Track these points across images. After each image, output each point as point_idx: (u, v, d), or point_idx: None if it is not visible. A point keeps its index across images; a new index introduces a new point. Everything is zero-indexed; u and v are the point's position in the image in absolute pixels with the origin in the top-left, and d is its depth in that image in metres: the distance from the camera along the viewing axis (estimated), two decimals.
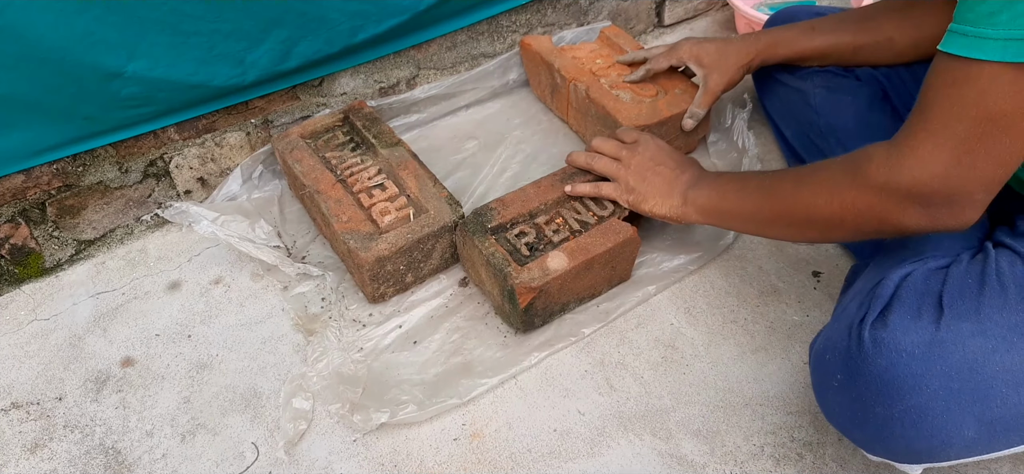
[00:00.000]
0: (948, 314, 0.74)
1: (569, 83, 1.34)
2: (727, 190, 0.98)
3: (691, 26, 1.69)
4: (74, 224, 1.19)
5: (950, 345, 0.72)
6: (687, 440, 0.93)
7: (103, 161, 1.17)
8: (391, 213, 1.09)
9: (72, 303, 1.14)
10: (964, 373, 0.72)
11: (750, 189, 0.95)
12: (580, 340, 1.05)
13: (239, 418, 0.98)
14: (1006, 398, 0.72)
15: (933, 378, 0.72)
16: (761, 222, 0.94)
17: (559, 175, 1.15)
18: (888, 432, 0.75)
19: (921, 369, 0.72)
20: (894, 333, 0.74)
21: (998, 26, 0.66)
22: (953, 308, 0.75)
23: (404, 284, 1.10)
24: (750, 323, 1.06)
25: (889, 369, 0.73)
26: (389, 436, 0.95)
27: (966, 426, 0.72)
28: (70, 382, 1.03)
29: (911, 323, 0.74)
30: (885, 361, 0.73)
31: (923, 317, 0.75)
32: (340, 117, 1.28)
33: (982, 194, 0.74)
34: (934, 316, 0.75)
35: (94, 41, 1.03)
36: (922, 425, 0.73)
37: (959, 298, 0.75)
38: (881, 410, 0.74)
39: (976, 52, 0.68)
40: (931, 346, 0.73)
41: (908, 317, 0.75)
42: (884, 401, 0.74)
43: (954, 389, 0.72)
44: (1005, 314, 0.74)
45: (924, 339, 0.73)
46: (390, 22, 1.26)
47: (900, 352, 0.73)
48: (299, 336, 1.06)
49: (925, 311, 0.75)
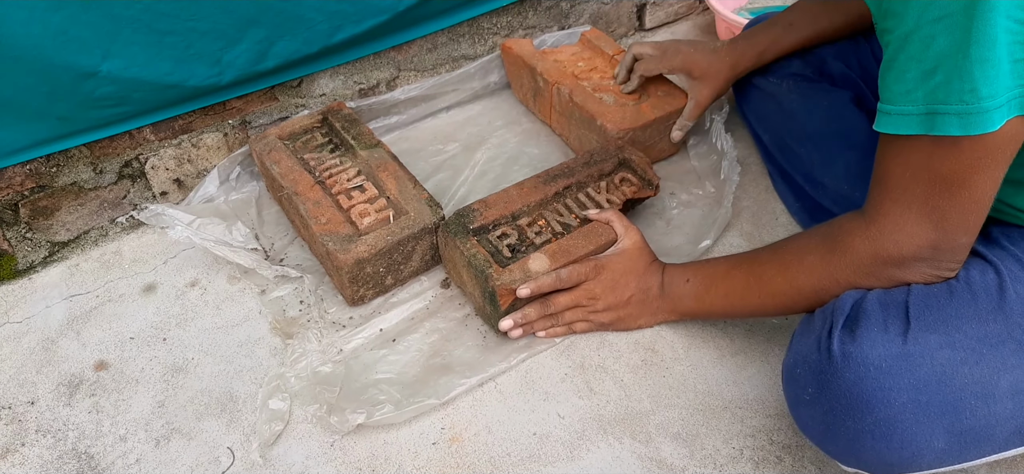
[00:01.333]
0: (915, 326, 0.75)
1: (552, 86, 1.34)
2: (703, 283, 0.98)
3: (672, 30, 1.69)
4: (47, 226, 1.17)
5: (918, 358, 0.74)
6: (666, 443, 0.93)
7: (77, 162, 1.15)
8: (370, 215, 1.09)
9: (45, 306, 1.12)
10: (932, 386, 0.73)
11: (733, 282, 0.94)
12: (560, 343, 1.04)
13: (215, 422, 0.96)
14: (975, 409, 0.73)
15: (902, 391, 0.73)
16: (748, 312, 0.96)
17: (542, 177, 1.15)
18: (859, 445, 0.76)
19: (890, 383, 0.73)
20: (862, 347, 0.75)
21: (916, 103, 0.69)
22: (920, 319, 0.76)
23: (384, 287, 1.09)
24: (729, 326, 1.06)
25: (858, 383, 0.74)
26: (367, 440, 0.94)
27: (936, 438, 0.73)
28: (43, 386, 1.01)
29: (879, 336, 0.75)
30: (854, 375, 0.74)
31: (890, 329, 0.76)
32: (319, 118, 1.27)
33: (965, 237, 0.76)
34: (901, 328, 0.76)
35: (68, 40, 1.02)
36: (892, 438, 0.74)
37: (926, 309, 0.76)
38: (851, 423, 0.75)
39: (904, 129, 0.71)
40: (899, 359, 0.74)
41: (876, 330, 0.76)
42: (854, 415, 0.75)
43: (923, 402, 0.73)
44: (975, 324, 0.75)
45: (892, 352, 0.74)
46: (369, 22, 1.26)
47: (868, 366, 0.74)
48: (276, 339, 1.05)
49: (892, 323, 0.76)
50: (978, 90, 0.64)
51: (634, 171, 1.17)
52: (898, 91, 0.70)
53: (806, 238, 0.88)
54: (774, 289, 0.89)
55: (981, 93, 0.65)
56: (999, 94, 0.64)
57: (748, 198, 1.25)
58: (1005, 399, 0.73)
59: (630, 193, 1.14)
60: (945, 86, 0.66)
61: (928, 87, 0.67)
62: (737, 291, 0.93)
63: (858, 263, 0.81)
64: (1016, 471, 0.89)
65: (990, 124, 0.66)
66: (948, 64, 0.65)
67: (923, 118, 0.69)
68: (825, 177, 1.11)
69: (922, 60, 0.66)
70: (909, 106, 0.69)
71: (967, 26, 0.62)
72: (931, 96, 0.67)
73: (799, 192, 1.19)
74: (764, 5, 1.62)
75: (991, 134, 0.66)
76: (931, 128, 0.68)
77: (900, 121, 0.71)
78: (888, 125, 0.72)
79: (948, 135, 0.68)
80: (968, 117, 0.66)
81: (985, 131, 0.66)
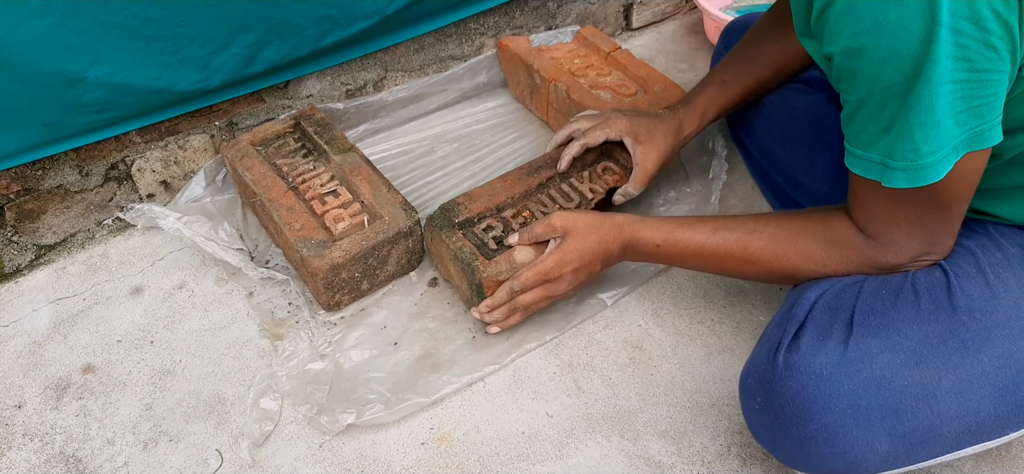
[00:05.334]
0: (857, 332, 0.77)
1: (549, 84, 1.35)
2: (678, 256, 0.95)
3: (659, 29, 1.70)
4: (34, 229, 1.17)
5: (857, 364, 0.75)
6: (655, 441, 0.93)
7: (63, 165, 1.15)
8: (345, 220, 1.08)
9: (32, 309, 1.12)
10: (871, 390, 0.74)
11: (710, 252, 0.92)
12: (548, 342, 1.05)
13: (203, 425, 0.96)
14: (917, 410, 0.74)
15: (841, 397, 0.74)
16: (723, 267, 0.94)
17: (525, 169, 1.16)
18: (805, 451, 0.77)
19: (829, 389, 0.75)
20: (804, 356, 0.77)
21: (877, 152, 0.72)
22: (863, 325, 0.77)
23: (360, 291, 1.09)
24: (717, 324, 1.07)
25: (799, 391, 0.76)
26: (355, 441, 0.94)
27: (878, 441, 0.74)
28: (29, 390, 1.01)
29: (820, 344, 0.77)
30: (795, 383, 0.76)
31: (833, 337, 0.78)
32: (291, 124, 1.26)
33: (951, 240, 0.81)
34: (843, 336, 0.77)
35: (54, 46, 1.01)
36: (834, 443, 0.75)
37: (871, 313, 0.78)
38: (795, 431, 0.77)
39: (869, 173, 0.74)
40: (838, 366, 0.75)
41: (818, 338, 0.78)
42: (797, 422, 0.76)
43: (862, 406, 0.74)
44: (916, 325, 0.77)
45: (832, 359, 0.76)
46: (358, 26, 1.26)
47: (809, 374, 0.76)
48: (264, 341, 1.05)
49: (836, 330, 0.78)
50: (919, 149, 0.69)
51: (616, 161, 1.18)
52: (862, 140, 0.74)
53: (798, 223, 0.88)
54: (756, 265, 0.90)
55: (922, 151, 0.69)
56: (941, 148, 0.69)
57: (734, 196, 1.26)
58: (948, 398, 0.74)
59: (612, 182, 1.15)
60: (895, 143, 0.70)
61: (885, 142, 0.71)
62: (713, 261, 0.93)
63: (857, 265, 0.83)
64: (998, 468, 0.90)
65: (934, 176, 0.70)
66: (897, 125, 0.69)
67: (880, 167, 0.73)
68: (805, 178, 1.12)
69: (879, 118, 0.71)
70: (871, 154, 0.73)
71: (906, 97, 0.67)
72: (886, 150, 0.71)
73: (780, 194, 1.20)
74: (750, 4, 1.63)
75: (946, 176, 0.71)
76: (885, 179, 0.73)
77: (865, 165, 0.74)
78: (856, 166, 0.76)
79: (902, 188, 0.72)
80: (913, 172, 0.71)
81: (930, 182, 0.71)
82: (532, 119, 1.44)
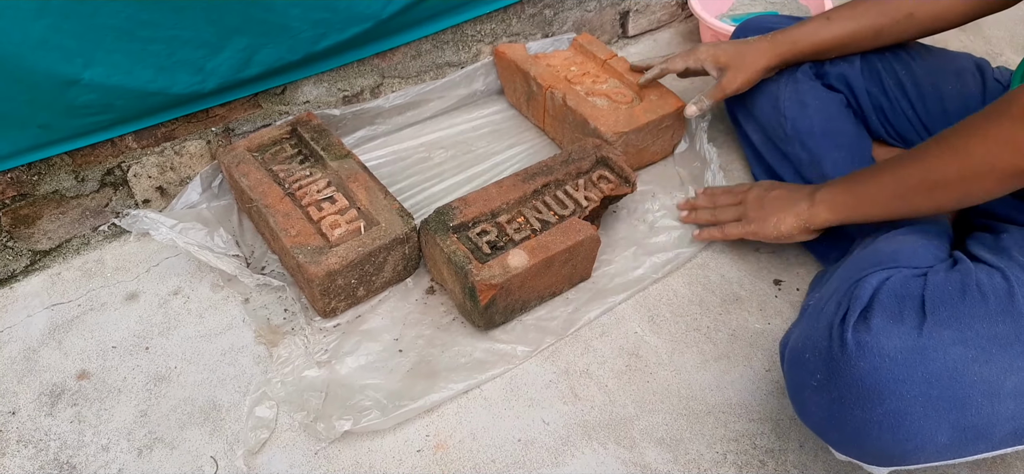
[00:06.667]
0: (930, 320, 0.75)
1: (545, 91, 1.35)
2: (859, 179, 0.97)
3: (655, 37, 1.70)
4: (29, 234, 1.16)
5: (931, 352, 0.73)
6: (651, 448, 0.93)
7: (59, 170, 1.15)
8: (341, 226, 1.08)
9: (26, 315, 1.11)
10: (944, 381, 0.72)
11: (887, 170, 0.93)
12: (544, 349, 1.04)
13: (198, 431, 0.96)
14: (981, 407, 0.73)
15: (913, 384, 0.72)
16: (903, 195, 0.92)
17: (521, 175, 1.16)
18: (865, 434, 0.75)
19: (903, 374, 0.72)
20: (877, 337, 0.74)
21: None
22: (935, 314, 0.75)
23: (356, 298, 1.09)
24: (713, 331, 1.07)
25: (871, 373, 0.73)
26: (351, 448, 0.94)
27: (941, 433, 0.73)
28: (24, 396, 1.01)
29: (893, 327, 0.75)
30: (867, 365, 0.74)
31: (905, 322, 0.75)
32: (288, 129, 1.26)
33: None
34: (916, 322, 0.75)
35: (50, 48, 1.01)
36: (899, 430, 0.73)
37: (941, 305, 0.76)
38: (860, 413, 0.74)
39: None
40: (913, 352, 0.73)
41: (890, 321, 0.75)
42: (864, 404, 0.74)
43: (933, 396, 0.72)
44: (986, 324, 0.75)
45: (907, 345, 0.73)
46: (353, 30, 1.26)
47: (883, 356, 0.73)
48: (260, 348, 1.05)
49: (908, 315, 0.76)
50: None
51: (611, 169, 1.19)
52: None
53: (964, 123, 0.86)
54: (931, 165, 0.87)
55: None
56: None
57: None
58: (1008, 399, 0.73)
59: (607, 190, 1.15)
60: None
61: None
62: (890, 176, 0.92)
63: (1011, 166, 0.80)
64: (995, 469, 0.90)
65: None
66: None
67: None
68: (812, 175, 1.13)
69: None
70: None
71: None
72: None
73: None
74: (747, 11, 1.64)
75: None
76: None
77: None
78: None
79: None
80: None
81: None
82: (528, 126, 1.44)
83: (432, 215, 1.09)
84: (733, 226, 1.12)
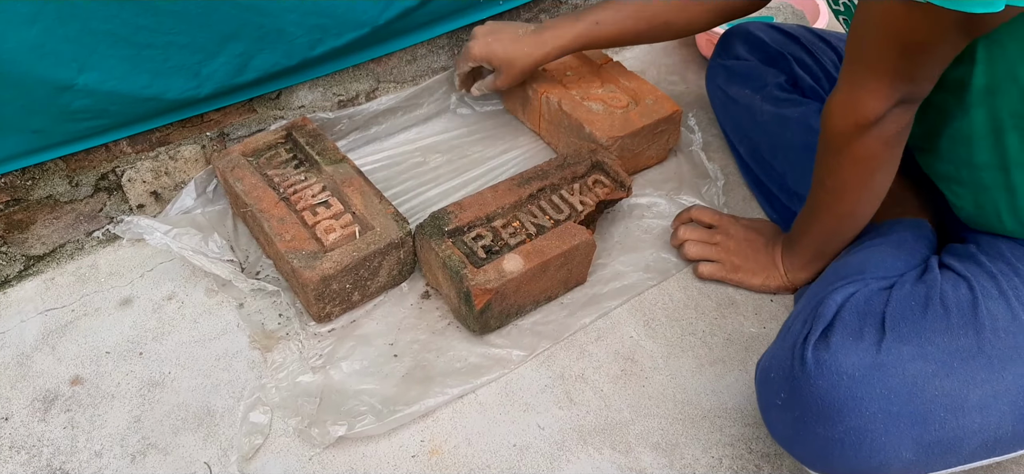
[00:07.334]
0: (890, 336, 0.76)
1: (541, 95, 1.35)
2: (808, 237, 1.03)
3: None
4: (22, 239, 1.16)
5: (890, 368, 0.74)
6: (646, 453, 0.93)
7: (53, 175, 1.14)
8: (336, 231, 1.08)
9: (20, 320, 1.11)
10: (903, 396, 0.73)
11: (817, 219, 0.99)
12: (540, 354, 1.04)
13: (191, 437, 0.96)
14: (944, 421, 0.73)
15: (873, 401, 0.73)
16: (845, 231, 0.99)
17: (516, 180, 1.16)
18: (829, 452, 0.76)
19: (861, 392, 0.73)
20: (835, 355, 0.75)
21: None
22: (895, 330, 0.76)
23: (351, 303, 1.09)
24: (708, 335, 1.07)
25: (830, 391, 0.74)
26: (346, 454, 0.94)
27: (904, 448, 0.74)
28: (17, 402, 1.00)
29: (852, 345, 0.76)
30: (826, 383, 0.75)
31: (865, 339, 0.76)
32: (283, 134, 1.26)
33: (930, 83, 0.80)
34: (876, 338, 0.76)
35: (44, 53, 1.01)
36: (862, 446, 0.74)
37: (901, 320, 0.77)
38: (822, 430, 0.75)
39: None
40: (872, 369, 0.74)
41: (850, 338, 0.77)
42: (824, 422, 0.75)
43: (893, 412, 0.73)
44: (946, 337, 0.76)
45: (865, 361, 0.75)
46: (349, 36, 1.26)
47: (841, 374, 0.74)
48: (255, 353, 1.05)
49: (867, 332, 0.77)
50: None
51: (607, 173, 1.19)
52: None
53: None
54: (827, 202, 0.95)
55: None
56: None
57: (726, 208, 1.26)
58: (973, 413, 0.74)
59: (603, 195, 1.15)
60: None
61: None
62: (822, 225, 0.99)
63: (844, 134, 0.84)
64: None
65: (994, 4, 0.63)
66: None
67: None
68: (798, 187, 1.13)
69: None
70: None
71: None
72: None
73: (775, 201, 1.20)
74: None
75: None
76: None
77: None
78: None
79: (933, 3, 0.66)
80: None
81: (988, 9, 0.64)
82: (524, 131, 1.44)
83: (427, 220, 1.09)
84: (711, 266, 1.13)
